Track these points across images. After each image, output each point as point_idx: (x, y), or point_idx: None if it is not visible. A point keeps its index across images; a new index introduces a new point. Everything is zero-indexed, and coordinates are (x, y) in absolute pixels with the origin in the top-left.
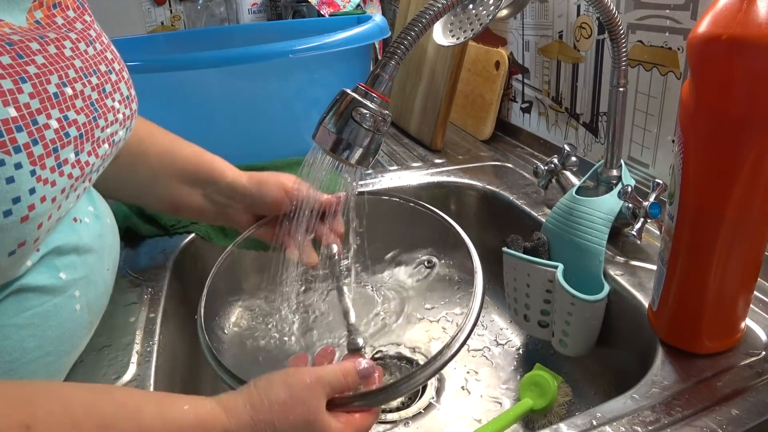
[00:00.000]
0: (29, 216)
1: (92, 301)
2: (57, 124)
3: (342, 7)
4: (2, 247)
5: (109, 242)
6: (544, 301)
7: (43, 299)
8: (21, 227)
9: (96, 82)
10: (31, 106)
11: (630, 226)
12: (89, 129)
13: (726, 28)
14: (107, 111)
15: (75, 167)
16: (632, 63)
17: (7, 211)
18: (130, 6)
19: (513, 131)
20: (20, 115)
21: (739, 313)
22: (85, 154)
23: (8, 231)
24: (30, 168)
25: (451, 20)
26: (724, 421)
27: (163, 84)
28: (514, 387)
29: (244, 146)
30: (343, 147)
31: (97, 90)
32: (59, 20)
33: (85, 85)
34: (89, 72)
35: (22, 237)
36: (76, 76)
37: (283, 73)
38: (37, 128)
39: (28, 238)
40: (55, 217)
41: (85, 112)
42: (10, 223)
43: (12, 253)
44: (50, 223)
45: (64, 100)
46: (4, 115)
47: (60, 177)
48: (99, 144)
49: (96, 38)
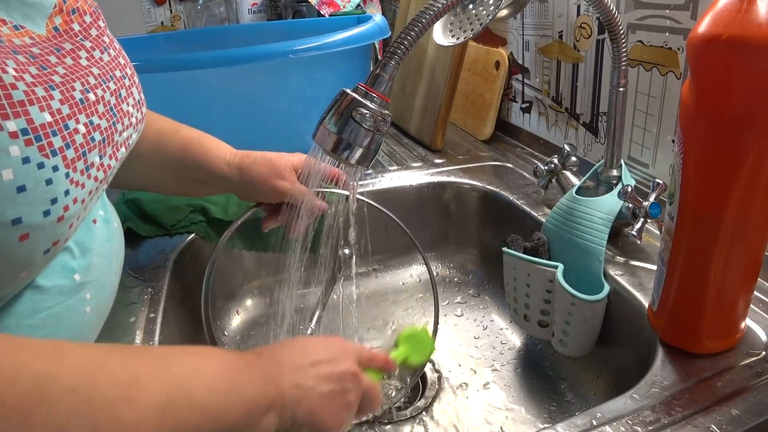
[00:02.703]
0: (64, 216)
1: (101, 303)
2: (84, 129)
3: (342, 7)
4: (40, 246)
5: (117, 246)
6: (544, 301)
7: (57, 300)
8: (57, 227)
9: (113, 87)
10: (62, 112)
11: (630, 226)
12: (110, 133)
13: (726, 28)
14: (123, 115)
15: (100, 170)
16: (632, 63)
17: (47, 211)
18: (130, 6)
19: (513, 131)
20: (54, 120)
21: (739, 313)
22: (107, 158)
23: (46, 230)
24: (65, 171)
25: (451, 20)
26: (724, 421)
27: (163, 84)
28: (514, 387)
29: (244, 146)
30: (343, 147)
31: (115, 95)
32: (76, 26)
33: (104, 90)
34: (107, 78)
35: (57, 236)
36: (96, 83)
37: (283, 73)
38: (69, 133)
39: (61, 238)
40: (81, 218)
41: (106, 117)
42: (48, 223)
43: (47, 252)
44: (78, 223)
45: (89, 106)
46: (41, 120)
47: (88, 180)
48: (118, 148)
49: (109, 44)
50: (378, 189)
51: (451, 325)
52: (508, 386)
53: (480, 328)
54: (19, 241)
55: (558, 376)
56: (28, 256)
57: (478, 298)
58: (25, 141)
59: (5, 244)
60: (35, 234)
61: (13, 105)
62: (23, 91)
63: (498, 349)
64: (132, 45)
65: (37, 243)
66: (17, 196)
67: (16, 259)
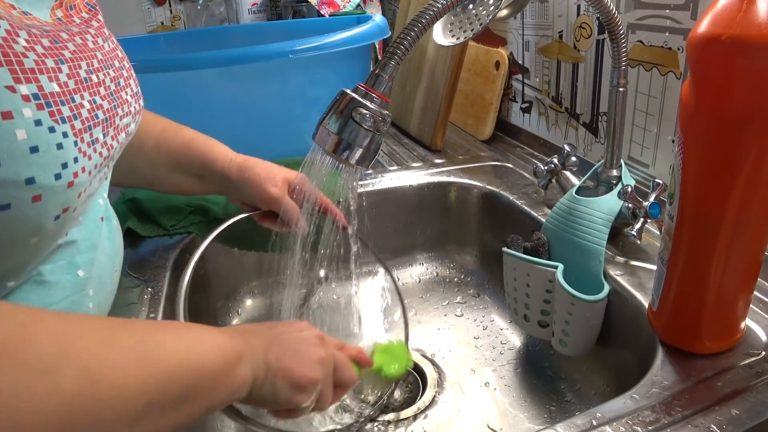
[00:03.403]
0: (74, 182)
1: (102, 300)
2: (89, 105)
3: (342, 7)
4: (51, 209)
5: (117, 244)
6: (544, 301)
7: (63, 295)
8: (67, 192)
9: (113, 74)
10: (68, 86)
11: (630, 226)
12: (111, 116)
13: (726, 28)
14: (123, 102)
15: (104, 147)
16: (632, 63)
17: (58, 174)
18: (130, 6)
19: (513, 131)
20: (62, 91)
21: (739, 313)
22: (110, 138)
23: (57, 194)
24: (73, 139)
25: (451, 20)
26: (724, 421)
27: (163, 84)
28: (514, 387)
29: (244, 146)
30: (343, 147)
31: (114, 82)
32: (77, 20)
33: (106, 75)
34: (107, 65)
35: (67, 203)
36: (99, 66)
37: (283, 73)
38: (75, 105)
39: (70, 205)
40: (88, 192)
41: (107, 99)
42: (60, 187)
43: (57, 218)
44: (85, 195)
45: (92, 86)
46: (51, 89)
47: (94, 153)
48: (119, 131)
49: (108, 37)
50: (378, 189)
51: (451, 325)
52: (508, 386)
53: (480, 328)
54: (31, 202)
55: (558, 376)
56: (40, 219)
57: (478, 298)
58: (36, 105)
59: (19, 204)
60: (47, 196)
61: (24, 71)
62: (34, 60)
63: (498, 349)
64: (132, 45)
65: (49, 206)
66: (30, 156)
67: (29, 221)
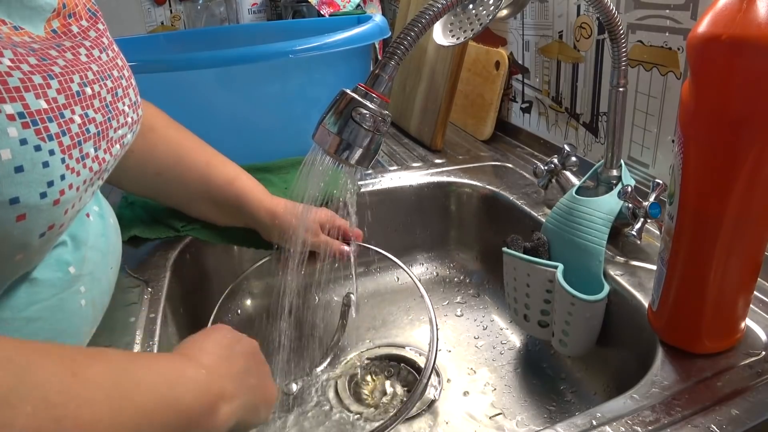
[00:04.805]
0: (60, 200)
1: (96, 297)
2: (80, 120)
3: (342, 7)
4: (36, 228)
5: (113, 242)
6: (544, 301)
7: (51, 292)
8: (52, 210)
9: (110, 85)
10: (58, 101)
11: (630, 226)
12: (105, 128)
13: (726, 28)
14: (119, 113)
15: (95, 162)
16: (632, 63)
17: (43, 193)
18: (130, 6)
19: (513, 131)
20: (50, 107)
21: (739, 313)
22: (102, 151)
23: (42, 212)
24: (61, 156)
25: (451, 20)
26: (724, 421)
27: (163, 84)
28: (514, 387)
29: (244, 146)
30: (342, 147)
31: (111, 93)
32: (74, 29)
33: (101, 87)
34: (104, 76)
35: (52, 220)
36: (94, 78)
37: (283, 73)
38: (64, 121)
39: (56, 222)
40: (76, 208)
41: (101, 112)
42: (45, 205)
43: (42, 235)
44: (72, 212)
45: (85, 99)
46: (37, 106)
47: (83, 169)
48: (112, 144)
49: (108, 46)
50: (378, 189)
51: (451, 325)
52: (508, 386)
53: (480, 328)
54: (16, 222)
55: (558, 376)
56: (24, 238)
57: (478, 298)
58: (22, 124)
59: (3, 224)
60: (32, 215)
61: (8, 90)
62: (19, 79)
63: (498, 349)
64: (132, 45)
65: (34, 225)
66: (15, 176)
67: (12, 239)
